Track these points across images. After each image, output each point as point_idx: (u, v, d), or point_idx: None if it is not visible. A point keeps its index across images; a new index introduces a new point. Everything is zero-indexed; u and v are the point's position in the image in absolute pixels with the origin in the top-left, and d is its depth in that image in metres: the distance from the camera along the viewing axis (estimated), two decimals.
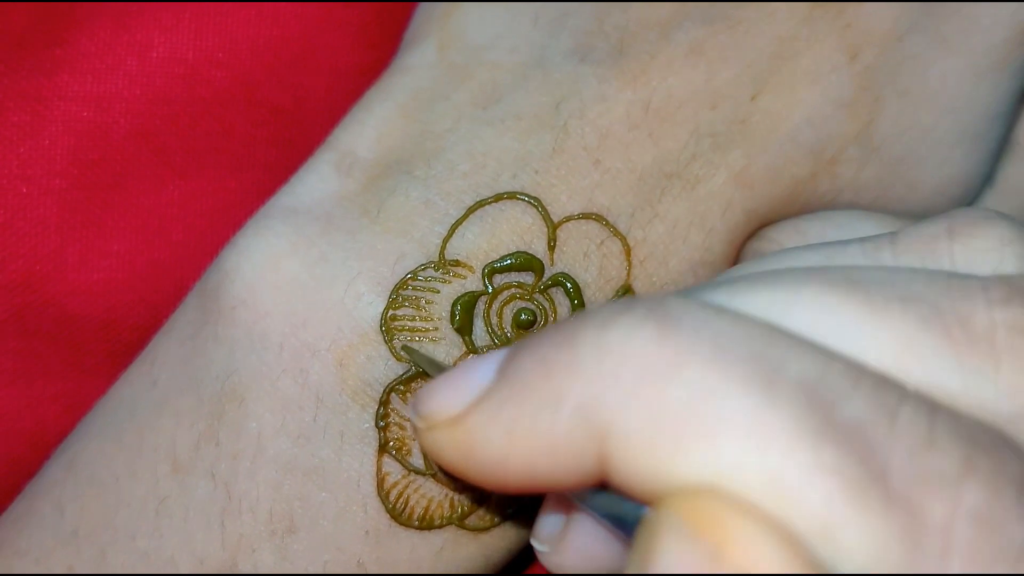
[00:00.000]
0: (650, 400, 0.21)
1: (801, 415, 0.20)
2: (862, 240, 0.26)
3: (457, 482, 0.30)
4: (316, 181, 0.32)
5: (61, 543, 0.30)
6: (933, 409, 0.20)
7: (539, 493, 0.24)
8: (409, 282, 0.30)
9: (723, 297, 0.23)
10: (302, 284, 0.30)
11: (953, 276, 0.23)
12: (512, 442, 0.22)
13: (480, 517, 0.30)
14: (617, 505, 0.24)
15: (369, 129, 0.32)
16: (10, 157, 0.34)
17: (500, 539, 0.31)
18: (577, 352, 0.22)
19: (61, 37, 0.35)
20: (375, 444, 0.30)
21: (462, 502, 0.30)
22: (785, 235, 0.32)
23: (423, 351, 0.30)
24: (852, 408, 0.20)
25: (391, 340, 0.30)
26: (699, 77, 0.31)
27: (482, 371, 0.23)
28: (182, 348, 0.31)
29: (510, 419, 0.22)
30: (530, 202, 0.31)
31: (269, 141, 0.36)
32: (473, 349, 0.30)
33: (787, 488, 0.20)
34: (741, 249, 0.33)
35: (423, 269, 0.30)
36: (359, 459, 0.30)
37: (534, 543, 0.28)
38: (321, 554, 0.30)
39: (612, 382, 0.21)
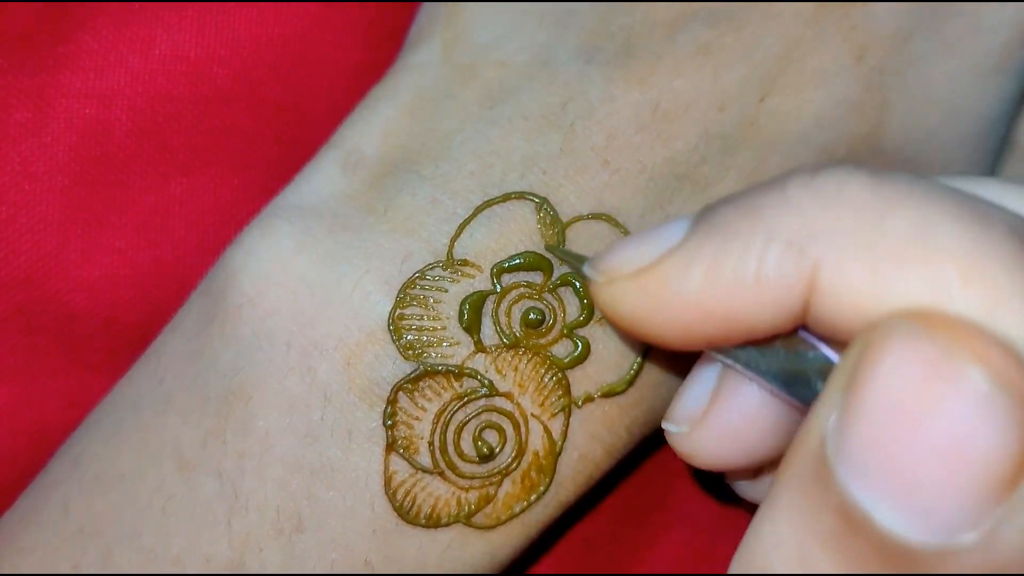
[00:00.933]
0: (868, 231, 0.21)
1: (1016, 246, 0.21)
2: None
3: (463, 480, 0.30)
4: (322, 180, 0.32)
5: (66, 541, 0.30)
6: None
7: (721, 343, 0.24)
8: (417, 281, 0.30)
9: None
10: (309, 283, 0.30)
11: None
12: (712, 282, 0.23)
13: (487, 515, 0.30)
14: (796, 360, 0.24)
15: (375, 128, 0.32)
16: (13, 154, 0.34)
17: (507, 537, 0.31)
18: (788, 194, 0.22)
19: (64, 35, 0.34)
20: (382, 443, 0.30)
21: (469, 501, 0.30)
22: None
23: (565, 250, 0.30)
24: None
25: (399, 339, 0.30)
26: (706, 78, 0.31)
27: (673, 228, 0.24)
28: (188, 346, 0.31)
29: (712, 259, 0.23)
30: (538, 202, 0.31)
31: (272, 139, 0.36)
32: (482, 348, 0.30)
33: (1007, 304, 0.21)
34: None
35: (431, 268, 0.30)
36: (366, 458, 0.30)
37: (667, 426, 0.28)
38: (328, 553, 0.30)
39: (827, 216, 0.22)
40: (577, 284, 0.31)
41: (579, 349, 0.31)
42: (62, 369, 0.36)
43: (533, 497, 0.31)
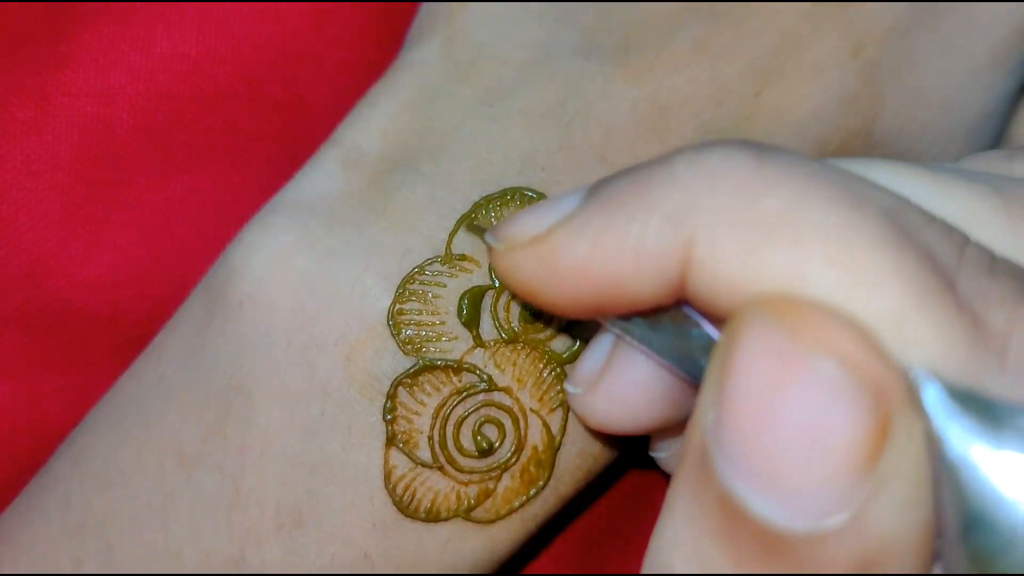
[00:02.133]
0: (743, 208, 0.22)
1: (884, 228, 0.21)
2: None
3: (463, 475, 0.30)
4: (322, 177, 0.32)
5: (67, 537, 0.30)
6: (992, 252, 0.22)
7: (607, 312, 0.25)
8: (416, 276, 0.30)
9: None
10: (309, 279, 0.30)
11: (1013, 177, 0.26)
12: (597, 250, 0.23)
13: (486, 510, 0.31)
14: (682, 337, 0.25)
15: (375, 125, 0.32)
16: (14, 152, 0.34)
17: (506, 532, 0.31)
18: (674, 169, 0.23)
19: (65, 33, 0.35)
20: (382, 438, 0.30)
21: (468, 495, 0.30)
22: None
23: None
24: (926, 235, 0.22)
25: (398, 334, 0.30)
26: (704, 74, 0.32)
27: (569, 199, 0.25)
28: (189, 343, 0.31)
29: (599, 229, 0.24)
30: (537, 198, 0.31)
31: (273, 137, 0.36)
32: (481, 343, 0.30)
33: (868, 284, 0.21)
34: None
35: (430, 263, 0.30)
36: (366, 452, 0.30)
37: (567, 386, 0.29)
38: (328, 547, 0.30)
39: (707, 192, 0.22)
40: None
41: (578, 344, 0.31)
42: (63, 367, 0.36)
43: (532, 491, 0.31)
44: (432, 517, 0.30)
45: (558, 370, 0.31)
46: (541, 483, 0.31)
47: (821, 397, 0.20)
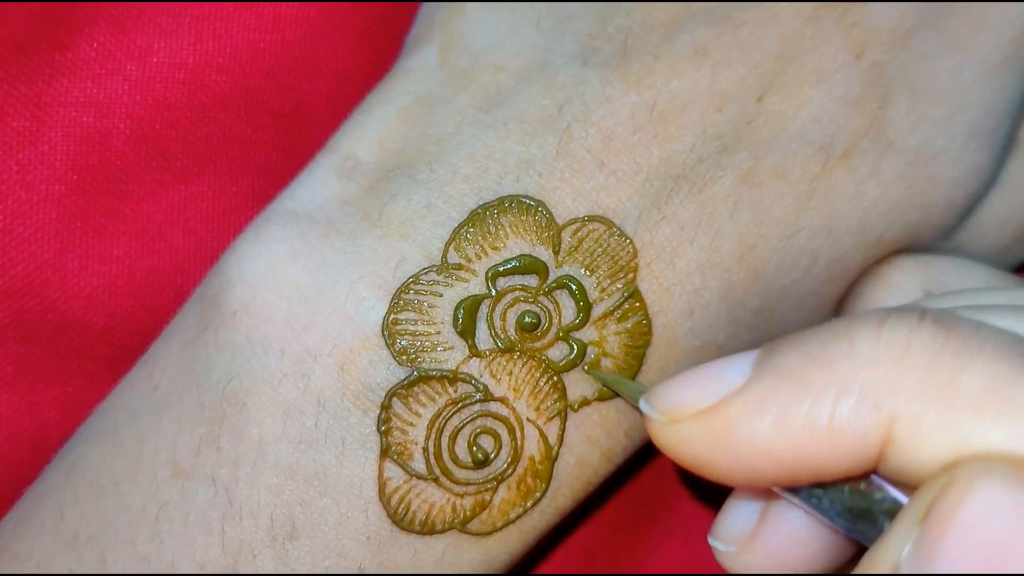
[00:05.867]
0: (943, 385, 0.22)
1: None
2: None
3: (458, 486, 0.30)
4: (317, 185, 0.32)
5: (61, 548, 0.30)
6: None
7: (791, 484, 0.25)
8: (411, 286, 0.30)
9: (970, 315, 0.25)
10: (303, 289, 0.30)
11: None
12: (782, 429, 0.23)
13: (482, 522, 0.30)
14: (861, 499, 0.25)
15: (371, 133, 0.32)
16: (10, 163, 0.34)
17: (503, 544, 0.31)
18: (855, 343, 0.23)
19: (61, 42, 0.34)
20: (376, 449, 0.30)
21: (464, 507, 0.30)
22: (909, 263, 0.33)
23: (608, 374, 0.31)
24: None
25: (393, 344, 0.30)
26: (704, 79, 0.31)
27: (733, 368, 0.25)
28: (183, 353, 0.31)
29: (782, 407, 0.23)
30: (535, 205, 0.30)
31: (270, 146, 0.36)
32: (476, 353, 0.30)
33: None
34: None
35: (425, 272, 0.30)
36: (360, 464, 0.30)
37: (713, 542, 0.29)
38: (322, 560, 0.29)
39: (899, 369, 0.23)
40: (573, 287, 0.30)
41: (574, 352, 0.30)
42: (60, 377, 0.36)
43: (529, 503, 0.30)
44: (427, 530, 0.30)
45: (555, 379, 0.30)
46: (538, 494, 0.30)
47: None
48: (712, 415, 0.24)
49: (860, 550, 0.26)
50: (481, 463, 0.30)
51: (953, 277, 0.33)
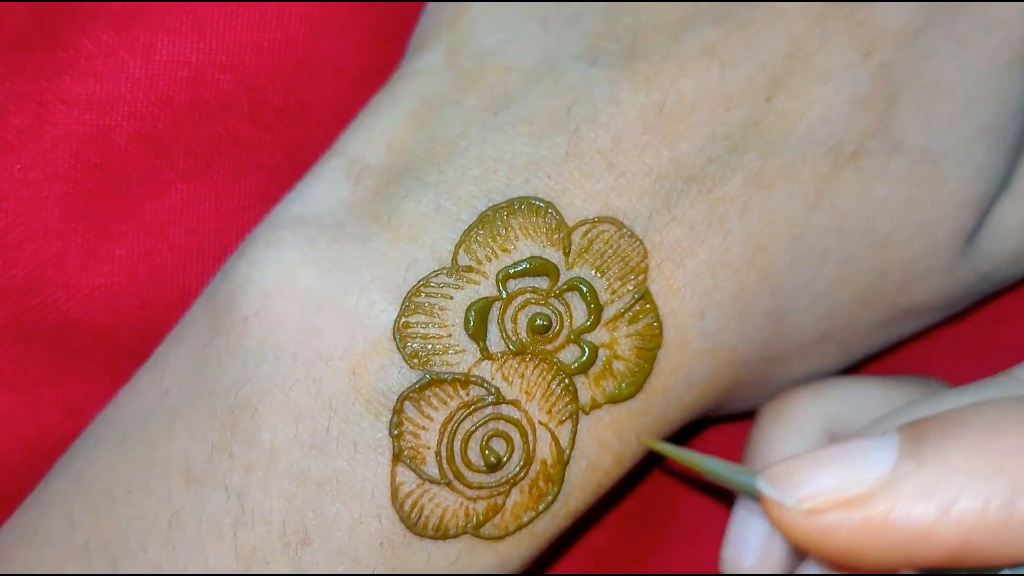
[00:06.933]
0: None
1: None
2: (992, 384, 0.29)
3: (471, 490, 0.30)
4: (326, 189, 0.31)
5: (72, 556, 0.30)
6: None
7: (938, 569, 0.25)
8: (422, 289, 0.30)
9: None
10: (314, 294, 0.30)
11: None
12: (955, 520, 0.24)
13: (495, 526, 0.30)
14: None
15: (378, 135, 0.32)
16: (11, 161, 0.34)
17: (515, 548, 0.31)
18: (1006, 422, 0.24)
19: (63, 39, 0.34)
20: (389, 453, 0.29)
21: (477, 511, 0.30)
22: (809, 398, 0.34)
23: (683, 452, 0.30)
24: None
25: (404, 348, 0.30)
26: (712, 79, 0.31)
27: (878, 452, 0.25)
28: (194, 359, 0.31)
29: (953, 498, 0.24)
30: (544, 207, 0.30)
31: (273, 145, 0.36)
32: (488, 355, 0.30)
33: None
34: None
35: (436, 275, 0.30)
36: (373, 469, 0.29)
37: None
38: (335, 565, 0.29)
39: None
40: (583, 289, 0.30)
41: (586, 354, 0.30)
42: (61, 378, 0.35)
43: (542, 507, 0.30)
44: (440, 534, 0.30)
45: (567, 382, 0.30)
46: (550, 498, 0.30)
47: None
48: (867, 504, 0.24)
49: None
50: (494, 467, 0.30)
51: (852, 403, 0.33)
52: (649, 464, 0.32)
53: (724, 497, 0.37)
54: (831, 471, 0.25)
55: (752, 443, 0.34)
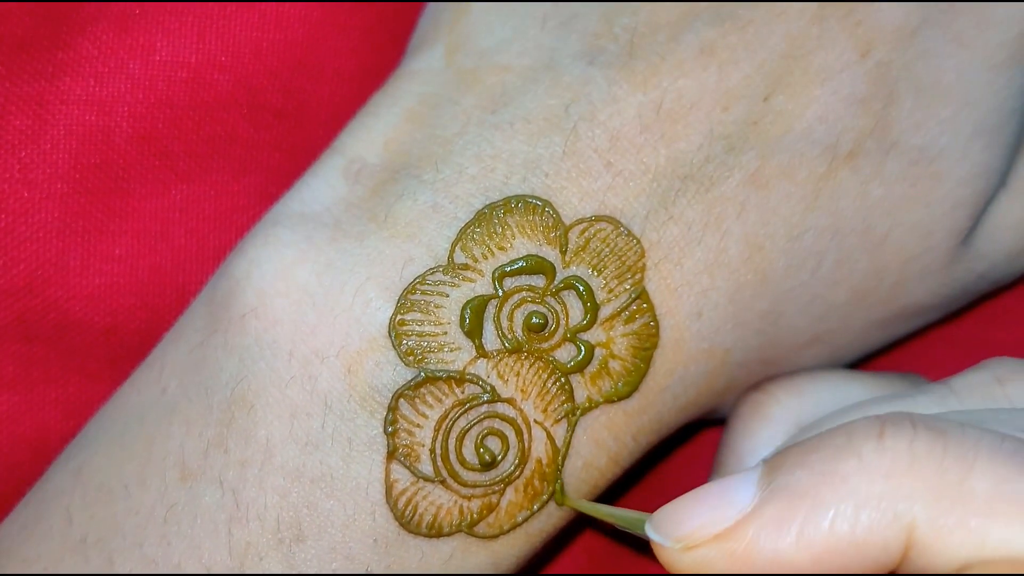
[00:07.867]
0: (953, 491, 0.24)
1: None
2: (926, 392, 0.31)
3: (465, 488, 0.30)
4: (324, 187, 0.32)
5: (70, 551, 0.30)
6: None
7: None
8: (418, 286, 0.30)
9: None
10: (311, 292, 0.30)
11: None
12: (803, 544, 0.25)
13: (489, 525, 0.30)
14: None
15: (377, 134, 0.32)
16: (12, 161, 0.34)
17: (510, 547, 0.31)
18: (864, 459, 0.25)
19: (63, 40, 0.34)
20: (383, 451, 0.29)
21: (471, 509, 0.30)
22: (783, 392, 0.34)
23: (598, 506, 0.31)
24: None
25: (399, 345, 0.30)
26: (710, 78, 0.31)
27: (739, 488, 0.26)
28: (192, 356, 0.31)
29: (801, 524, 0.25)
30: (542, 205, 0.30)
31: (272, 145, 0.36)
32: (483, 353, 0.30)
33: None
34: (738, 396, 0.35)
35: (432, 273, 0.30)
36: (367, 466, 0.29)
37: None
38: (329, 562, 0.29)
39: (913, 479, 0.24)
40: (580, 288, 0.30)
41: (582, 353, 0.30)
42: (62, 377, 0.35)
43: (536, 506, 0.30)
44: (434, 532, 0.30)
45: (562, 380, 0.30)
46: (545, 497, 0.30)
47: None
48: (731, 538, 0.25)
49: None
50: (488, 465, 0.30)
51: (828, 396, 0.34)
52: (647, 463, 0.31)
53: None
54: (703, 509, 0.26)
55: (727, 434, 0.34)
